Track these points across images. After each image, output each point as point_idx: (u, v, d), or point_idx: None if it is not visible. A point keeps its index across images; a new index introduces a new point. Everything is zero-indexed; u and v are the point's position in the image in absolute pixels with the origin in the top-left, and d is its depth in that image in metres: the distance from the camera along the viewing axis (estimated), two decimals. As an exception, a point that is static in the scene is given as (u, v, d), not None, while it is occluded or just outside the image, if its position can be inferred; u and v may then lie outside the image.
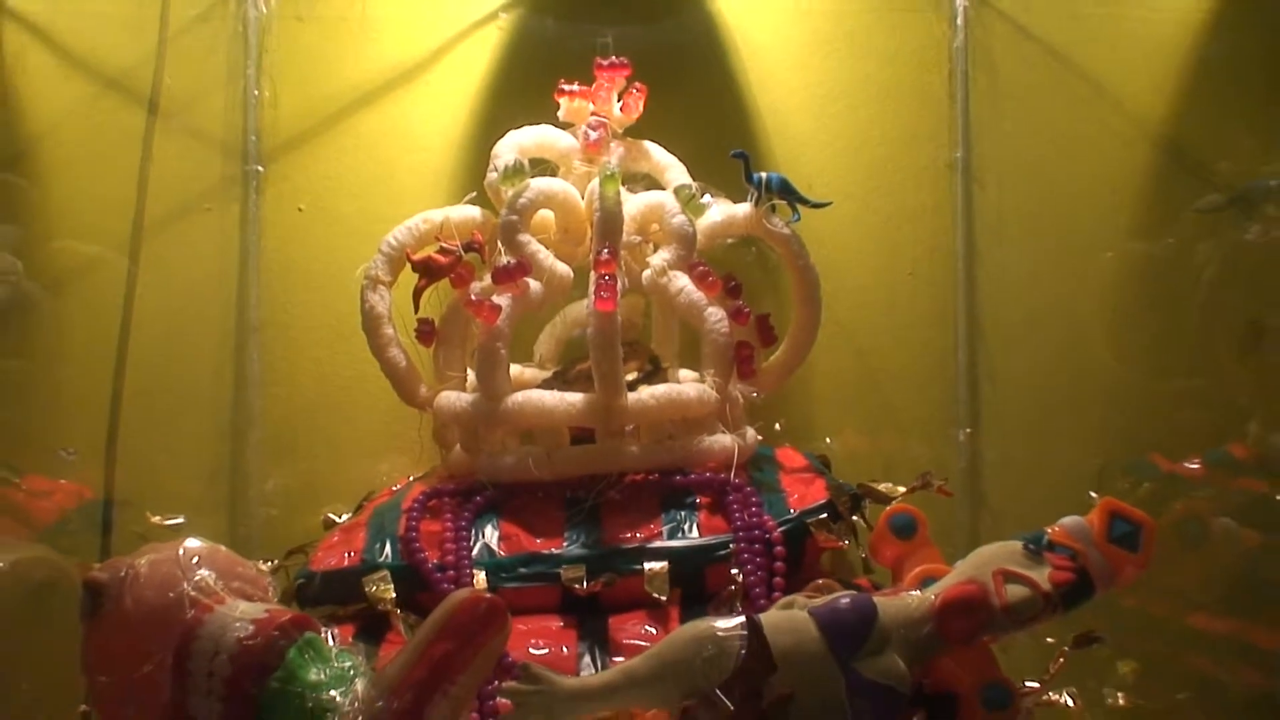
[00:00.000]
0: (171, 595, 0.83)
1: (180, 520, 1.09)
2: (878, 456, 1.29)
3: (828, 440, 1.27)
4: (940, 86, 1.32)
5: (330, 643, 0.83)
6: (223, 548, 0.91)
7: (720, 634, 0.80)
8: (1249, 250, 1.28)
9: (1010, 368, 1.31)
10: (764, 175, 1.15)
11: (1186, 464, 1.10)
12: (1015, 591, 0.81)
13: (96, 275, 1.20)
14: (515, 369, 1.13)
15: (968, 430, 1.30)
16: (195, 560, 0.85)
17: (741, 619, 0.80)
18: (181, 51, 1.24)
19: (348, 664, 0.81)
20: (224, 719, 0.79)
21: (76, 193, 1.20)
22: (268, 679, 0.80)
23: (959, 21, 1.32)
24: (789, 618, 0.80)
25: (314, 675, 0.80)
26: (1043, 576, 0.82)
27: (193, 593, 0.83)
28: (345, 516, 1.16)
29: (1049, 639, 1.01)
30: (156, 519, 1.08)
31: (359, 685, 0.79)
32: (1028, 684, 0.91)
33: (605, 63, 1.17)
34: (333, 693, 0.79)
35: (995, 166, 1.32)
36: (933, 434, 1.31)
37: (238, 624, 0.81)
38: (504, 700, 0.81)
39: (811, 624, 0.80)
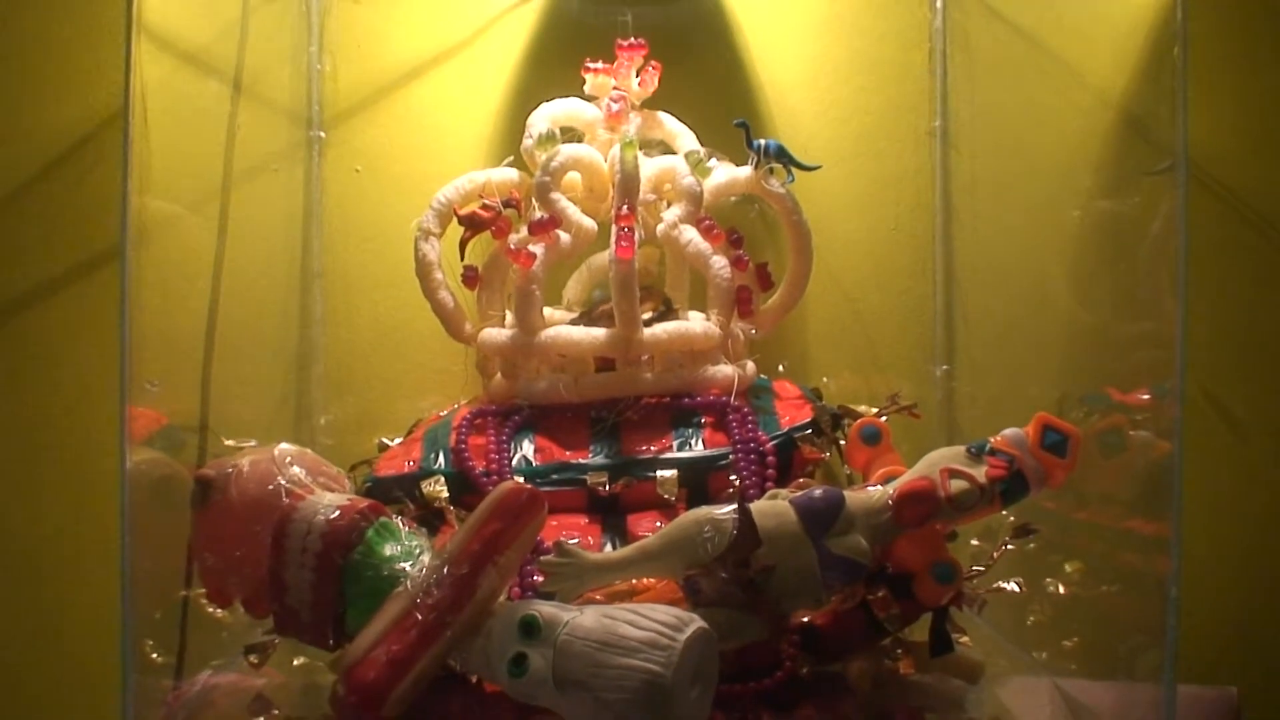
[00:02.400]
0: (270, 487, 0.97)
1: (252, 444, 1.14)
2: (864, 390, 1.35)
3: (824, 379, 1.35)
4: (921, 63, 1.37)
5: (401, 526, 0.95)
6: (309, 450, 1.06)
7: (717, 517, 0.93)
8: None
9: (981, 311, 1.35)
10: (763, 141, 1.22)
11: (1137, 395, 1.16)
12: (958, 485, 0.94)
13: (179, 228, 1.23)
14: (547, 311, 1.22)
15: (944, 367, 1.36)
16: (288, 460, 1.00)
17: (734, 506, 0.93)
18: (252, 30, 1.27)
19: (415, 543, 0.94)
20: (314, 586, 0.92)
21: (164, 154, 1.26)
22: (351, 553, 0.92)
23: (938, 5, 1.36)
24: (772, 505, 0.94)
25: (388, 551, 0.93)
26: (981, 473, 0.95)
27: (287, 485, 0.97)
28: (396, 440, 1.24)
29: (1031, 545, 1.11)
30: (230, 442, 1.13)
31: (425, 558, 0.92)
32: (975, 568, 1.03)
33: (625, 43, 1.24)
34: (403, 564, 0.92)
35: (969, 134, 1.35)
36: (913, 370, 1.36)
37: (325, 509, 0.94)
38: (541, 569, 0.95)
39: (791, 510, 0.93)
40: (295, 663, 1.10)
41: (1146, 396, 1.10)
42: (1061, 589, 1.12)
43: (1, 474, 1.35)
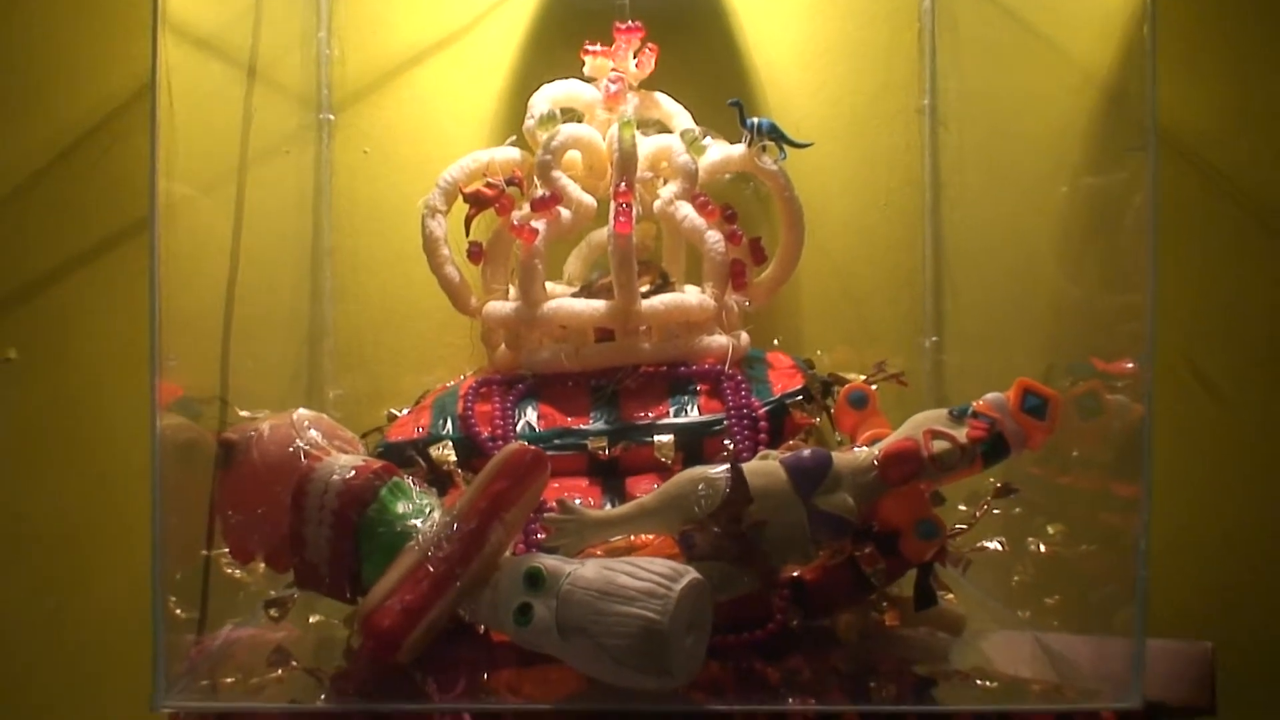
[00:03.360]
0: (289, 450, 1.02)
1: (265, 415, 1.16)
2: (857, 361, 1.35)
3: (819, 352, 1.36)
4: (910, 43, 1.40)
5: (412, 486, 1.00)
6: (325, 415, 1.11)
7: (711, 476, 0.98)
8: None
9: (969, 284, 1.38)
10: (756, 120, 1.24)
11: (1120, 364, 1.14)
12: (940, 445, 0.99)
13: (196, 209, 1.22)
14: (549, 285, 1.24)
15: (933, 338, 1.40)
16: (306, 424, 1.05)
17: (728, 465, 0.97)
18: (264, 17, 1.29)
19: (425, 501, 0.99)
20: (331, 542, 0.97)
21: (180, 137, 1.27)
22: (366, 510, 0.97)
23: None
24: (764, 465, 0.99)
25: (401, 508, 0.97)
26: (962, 435, 0.99)
27: (305, 448, 1.02)
28: (404, 411, 1.27)
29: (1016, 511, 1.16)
30: (245, 414, 1.15)
31: (435, 515, 0.97)
32: (958, 526, 1.08)
33: (623, 26, 1.26)
34: (414, 521, 0.97)
35: (957, 112, 1.38)
36: (903, 342, 1.39)
37: (341, 470, 0.99)
38: (544, 526, 1.00)
39: (781, 469, 0.98)
40: (311, 620, 1.14)
41: (1130, 365, 1.11)
42: (1043, 549, 1.16)
43: (24, 448, 1.40)
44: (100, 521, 1.39)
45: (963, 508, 1.20)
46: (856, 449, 1.03)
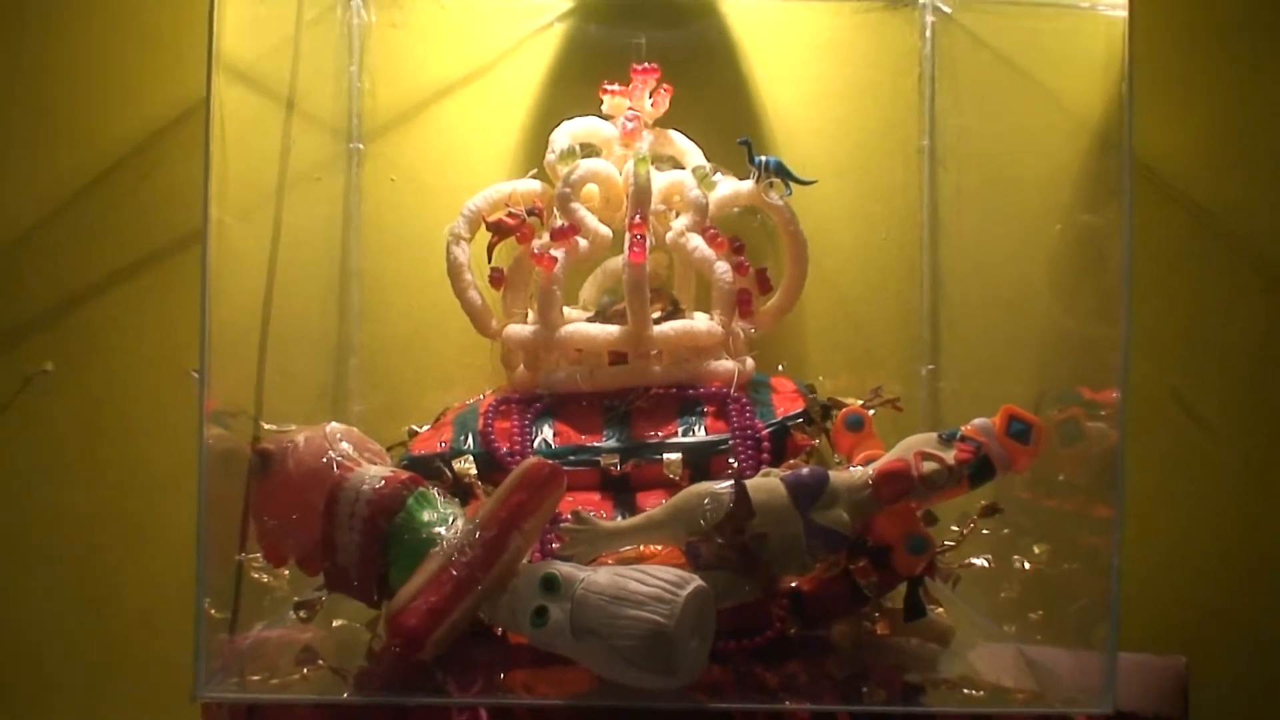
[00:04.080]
0: (323, 460, 1.07)
1: (295, 428, 1.17)
2: (857, 387, 1.34)
3: (820, 378, 1.39)
4: (911, 86, 1.44)
5: (437, 496, 1.06)
6: (355, 429, 1.16)
7: (716, 491, 1.04)
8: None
9: (965, 315, 1.42)
10: (764, 158, 1.28)
11: (1107, 393, 1.15)
12: (929, 466, 1.05)
13: (234, 232, 1.18)
14: (565, 310, 1.28)
15: (930, 366, 1.43)
16: (338, 436, 1.10)
17: (732, 481, 1.03)
18: (301, 51, 1.32)
19: (449, 511, 1.04)
20: (361, 547, 1.02)
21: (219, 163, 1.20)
22: (394, 518, 1.02)
23: (927, 34, 1.42)
24: (765, 481, 1.05)
25: (426, 516, 1.03)
26: (950, 457, 1.05)
27: (338, 458, 1.07)
28: (424, 427, 1.30)
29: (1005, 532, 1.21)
30: (271, 427, 1.18)
31: (458, 524, 1.02)
32: (946, 543, 1.13)
33: (639, 67, 1.31)
34: (439, 529, 1.02)
35: (955, 152, 1.42)
36: (901, 369, 1.42)
37: (371, 480, 1.04)
38: (560, 535, 1.06)
39: (781, 485, 1.04)
40: (334, 624, 1.19)
41: (1116, 395, 1.13)
42: (1028, 566, 1.21)
43: (59, 454, 1.45)
44: (130, 525, 1.45)
45: (954, 528, 1.25)
46: (852, 468, 1.08)
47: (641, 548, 1.08)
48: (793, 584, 1.09)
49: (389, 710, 1.02)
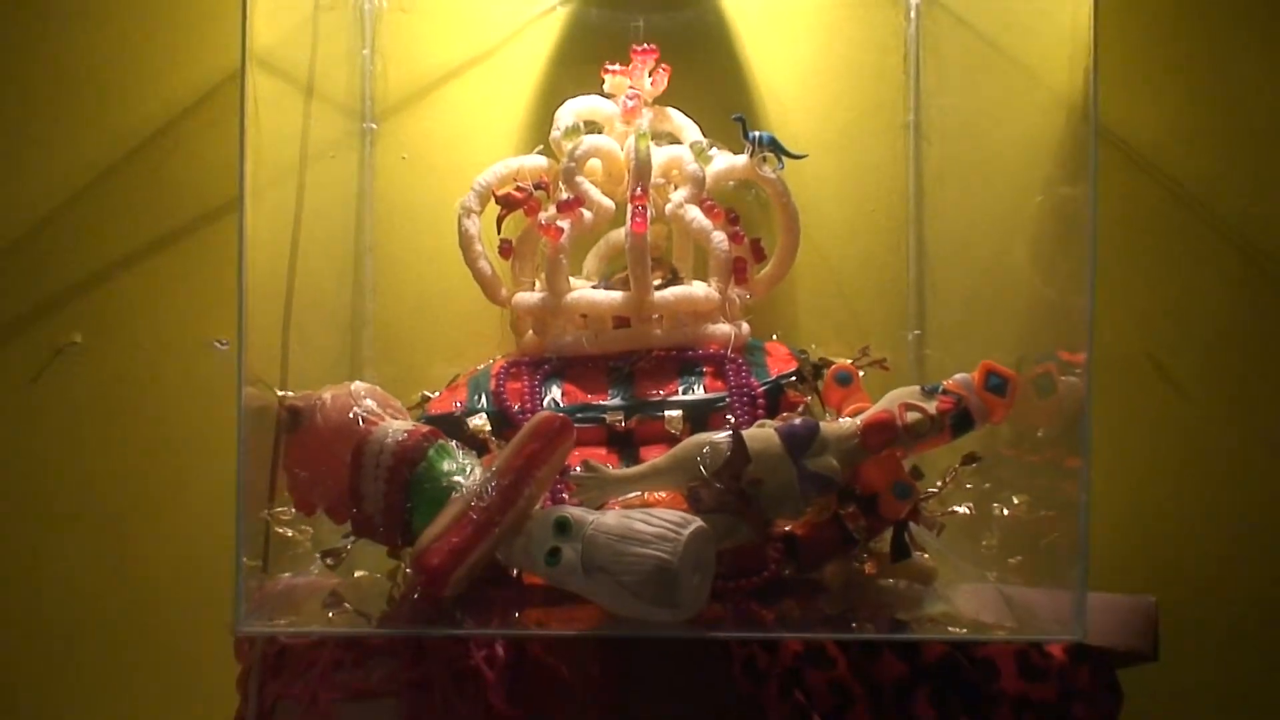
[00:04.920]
0: (349, 415, 1.14)
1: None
2: (846, 353, 1.36)
3: (813, 346, 1.41)
4: (896, 66, 1.47)
5: (456, 448, 1.12)
6: (378, 388, 1.22)
7: (715, 440, 1.10)
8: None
9: (949, 283, 1.46)
10: (757, 133, 1.32)
11: (1081, 355, 1.17)
12: (913, 416, 1.12)
13: (254, 208, 1.21)
14: (571, 279, 1.32)
15: (916, 332, 1.47)
16: (363, 394, 1.17)
17: (729, 431, 1.10)
18: (315, 36, 1.37)
19: (467, 461, 1.11)
20: (385, 495, 1.09)
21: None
22: (416, 468, 1.09)
23: (911, 15, 1.46)
24: (761, 432, 1.11)
25: (446, 466, 1.09)
26: (932, 408, 1.13)
27: (363, 414, 1.14)
28: (435, 393, 1.33)
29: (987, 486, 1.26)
30: (282, 393, 1.23)
31: (476, 473, 1.09)
32: (929, 490, 1.20)
33: (639, 48, 1.35)
34: (457, 478, 1.09)
35: (939, 128, 1.46)
36: (888, 335, 1.47)
37: (395, 433, 1.11)
38: (571, 484, 1.13)
39: (775, 435, 1.10)
40: (356, 574, 1.25)
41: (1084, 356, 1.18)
42: (1006, 513, 1.27)
43: (89, 422, 1.51)
44: (155, 490, 1.51)
45: (940, 483, 1.32)
46: (841, 420, 1.15)
47: (646, 494, 1.14)
48: (787, 528, 1.15)
49: (411, 648, 1.09)
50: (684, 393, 1.26)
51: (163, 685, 1.52)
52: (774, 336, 1.40)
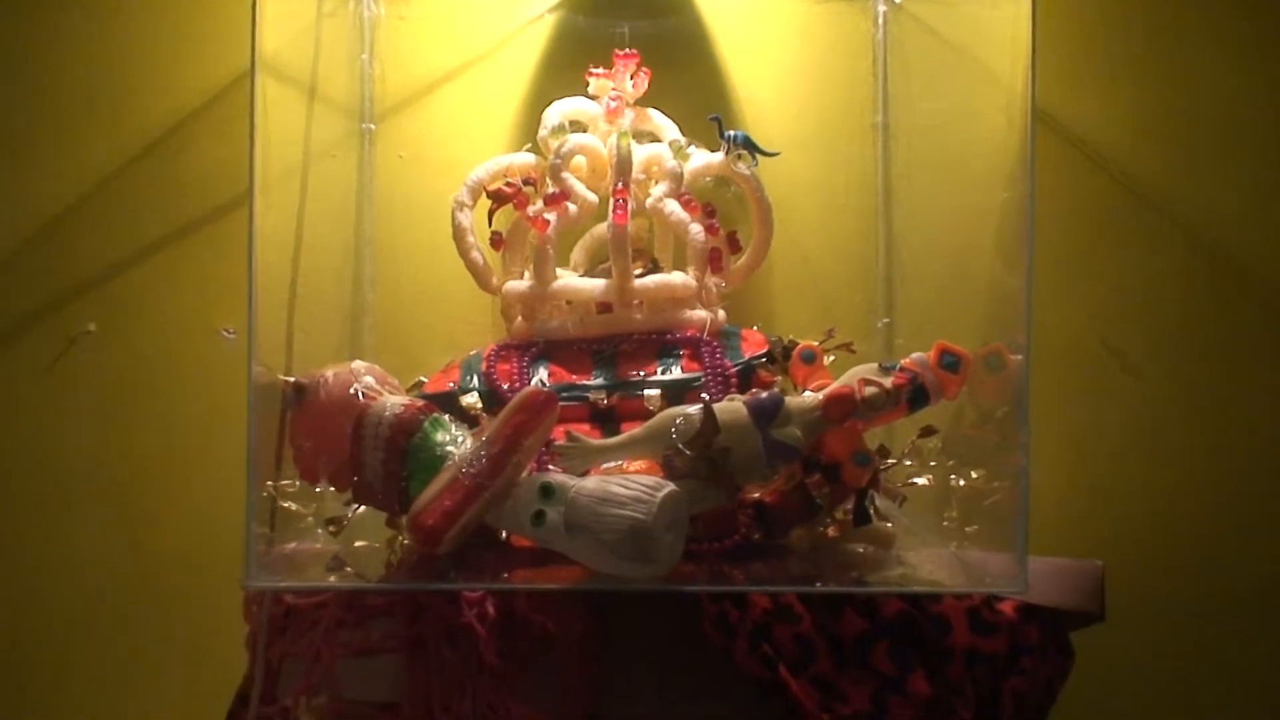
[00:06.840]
0: (350, 391, 1.21)
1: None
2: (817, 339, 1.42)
3: (790, 337, 1.41)
4: (866, 69, 1.52)
5: (449, 421, 1.20)
6: (377, 366, 1.29)
7: (688, 413, 1.17)
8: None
9: (917, 274, 1.50)
10: (733, 132, 1.37)
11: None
12: (870, 390, 1.19)
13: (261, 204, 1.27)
14: (558, 270, 1.37)
15: (885, 320, 1.52)
16: (362, 371, 1.24)
17: (700, 405, 1.18)
18: (317, 41, 1.41)
19: (459, 433, 1.18)
20: (384, 464, 1.16)
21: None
22: (411, 439, 1.15)
23: (879, 21, 1.51)
24: (729, 404, 1.19)
25: (440, 437, 1.16)
26: (889, 383, 1.20)
27: (363, 390, 1.21)
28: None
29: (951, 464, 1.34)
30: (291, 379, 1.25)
31: (467, 443, 1.17)
32: (889, 460, 1.29)
33: (621, 53, 1.39)
34: (450, 448, 1.16)
35: (906, 127, 1.50)
36: (859, 323, 1.50)
37: (392, 407, 1.18)
38: (555, 454, 1.21)
39: (743, 407, 1.18)
40: (356, 544, 1.32)
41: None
42: (963, 483, 1.36)
43: (103, 407, 1.58)
44: (166, 472, 1.58)
45: (908, 463, 1.40)
46: (804, 394, 1.23)
47: (624, 463, 1.22)
48: (755, 495, 1.23)
49: (408, 608, 1.18)
50: (662, 373, 1.31)
51: (177, 655, 1.59)
52: (754, 327, 1.45)
